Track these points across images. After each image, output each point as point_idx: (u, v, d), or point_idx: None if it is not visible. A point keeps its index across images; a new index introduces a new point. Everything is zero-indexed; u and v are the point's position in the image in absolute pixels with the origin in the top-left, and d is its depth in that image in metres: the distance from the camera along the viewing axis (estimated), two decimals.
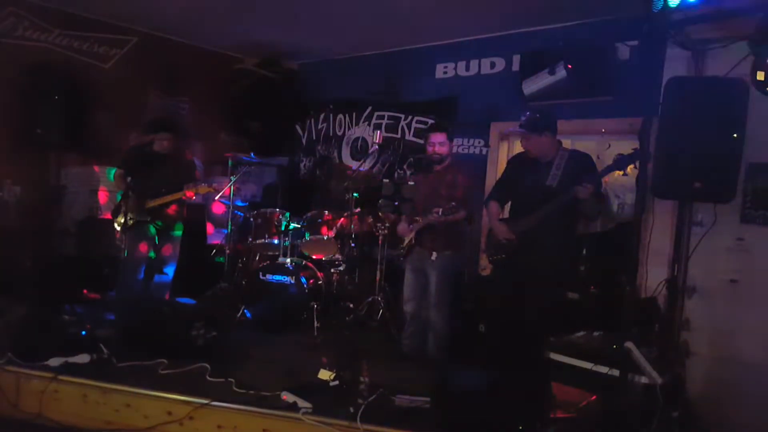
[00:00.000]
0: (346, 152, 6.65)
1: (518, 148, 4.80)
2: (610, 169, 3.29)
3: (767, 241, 3.26)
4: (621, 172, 3.24)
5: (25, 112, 5.08)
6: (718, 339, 3.38)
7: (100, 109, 5.48)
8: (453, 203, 3.67)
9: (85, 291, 4.94)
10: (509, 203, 3.92)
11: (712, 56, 3.39)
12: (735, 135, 2.95)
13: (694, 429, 3.09)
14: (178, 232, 4.71)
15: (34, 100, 5.06)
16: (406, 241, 4.15)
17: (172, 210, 4.58)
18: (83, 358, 3.38)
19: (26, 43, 5.43)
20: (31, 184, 5.41)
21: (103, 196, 5.72)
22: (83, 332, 3.69)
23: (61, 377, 3.19)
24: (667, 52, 3.53)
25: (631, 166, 3.14)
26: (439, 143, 4.01)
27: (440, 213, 3.66)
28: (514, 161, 3.98)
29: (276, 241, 4.88)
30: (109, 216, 4.88)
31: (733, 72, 3.14)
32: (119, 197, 4.53)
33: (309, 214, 4.99)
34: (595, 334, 3.47)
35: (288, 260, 4.73)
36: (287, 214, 4.89)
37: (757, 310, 3.26)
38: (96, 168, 5.75)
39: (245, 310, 4.77)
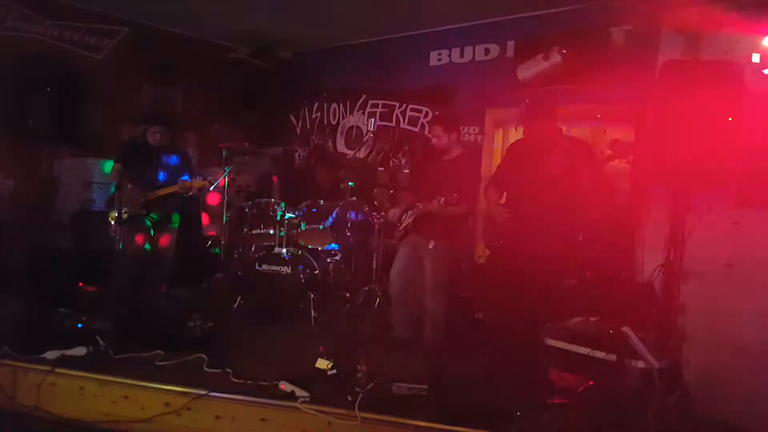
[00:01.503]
0: (340, 141, 6.62)
1: (513, 135, 4.79)
2: (610, 157, 3.27)
3: (763, 224, 3.26)
4: (626, 162, 3.22)
5: (17, 104, 5.02)
6: (714, 323, 3.38)
7: (92, 100, 5.42)
8: (456, 195, 3.65)
9: (80, 284, 4.92)
10: (507, 190, 3.90)
11: (707, 40, 3.37)
12: (730, 118, 2.93)
13: (692, 412, 3.10)
14: (174, 224, 4.69)
15: (25, 91, 5.00)
16: (403, 225, 4.14)
17: (166, 202, 4.56)
18: (80, 351, 3.37)
19: (16, 34, 5.37)
20: (24, 176, 5.37)
21: None
22: (79, 325, 3.69)
23: (57, 370, 3.18)
24: (662, 36, 3.50)
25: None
26: (436, 136, 3.99)
27: (441, 202, 3.64)
28: (513, 148, 3.96)
29: (272, 231, 4.86)
30: None
31: (728, 55, 3.12)
32: (113, 189, 4.51)
33: (304, 204, 4.97)
34: (592, 319, 3.48)
35: (284, 250, 4.72)
36: (282, 204, 4.87)
37: (752, 293, 3.26)
38: (89, 160, 5.71)
39: (242, 301, 4.76)
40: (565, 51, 4.60)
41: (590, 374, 3.16)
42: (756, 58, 3.03)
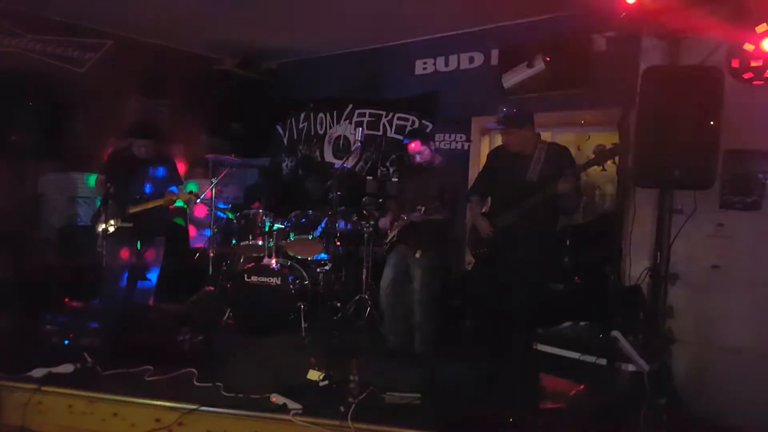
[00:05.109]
0: (328, 151, 6.63)
1: (499, 142, 4.83)
2: (591, 163, 3.31)
3: (746, 225, 3.31)
4: (600, 168, 3.26)
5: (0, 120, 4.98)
6: (701, 325, 3.42)
7: (76, 114, 5.39)
8: (436, 203, 3.70)
9: (66, 299, 4.86)
10: (490, 197, 3.93)
11: (687, 45, 3.43)
12: (712, 122, 2.98)
13: (682, 415, 3.13)
14: (160, 237, 4.66)
15: (8, 106, 4.96)
16: (389, 237, 4.16)
17: (153, 215, 4.52)
18: (67, 368, 3.32)
19: None
20: (7, 192, 5.30)
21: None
22: (66, 341, 3.63)
23: (44, 388, 3.13)
24: (643, 43, 3.56)
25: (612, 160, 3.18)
26: (416, 152, 4.04)
27: (422, 211, 3.69)
28: (493, 155, 3.99)
29: (260, 243, 4.84)
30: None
31: (708, 60, 3.18)
32: (99, 203, 4.47)
33: (293, 215, 4.96)
34: (582, 324, 3.50)
35: (273, 261, 4.70)
36: (270, 215, 4.85)
37: (738, 294, 3.30)
38: (73, 174, 5.66)
39: (231, 313, 4.73)
40: (548, 58, 4.65)
41: (581, 379, 3.18)
42: (735, 63, 3.09)
